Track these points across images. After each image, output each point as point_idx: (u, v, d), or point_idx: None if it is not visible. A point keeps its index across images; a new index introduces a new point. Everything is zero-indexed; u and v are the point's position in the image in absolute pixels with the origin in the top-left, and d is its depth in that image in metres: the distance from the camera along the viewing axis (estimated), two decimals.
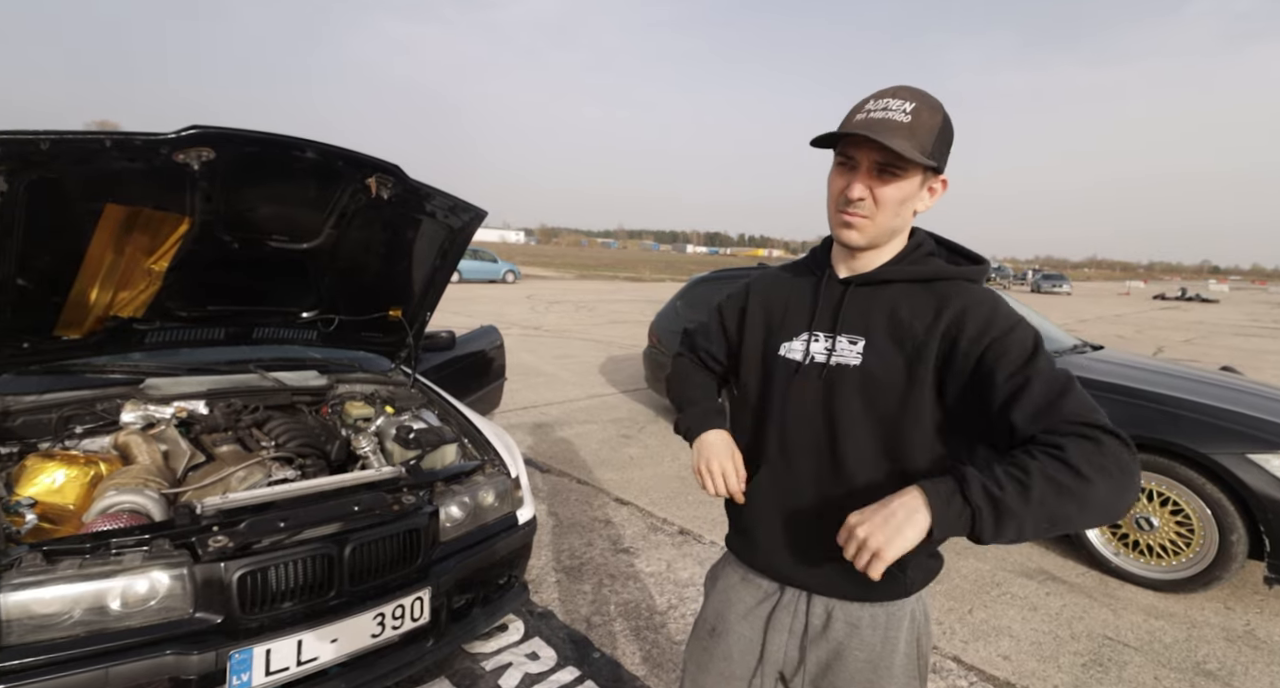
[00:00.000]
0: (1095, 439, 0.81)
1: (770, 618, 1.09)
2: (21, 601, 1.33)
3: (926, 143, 0.93)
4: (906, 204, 0.97)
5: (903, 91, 0.95)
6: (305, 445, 2.13)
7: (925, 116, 0.93)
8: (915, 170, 0.94)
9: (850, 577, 0.97)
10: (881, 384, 0.98)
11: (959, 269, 1.02)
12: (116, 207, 1.75)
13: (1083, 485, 0.79)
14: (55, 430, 1.94)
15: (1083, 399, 0.86)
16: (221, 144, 1.68)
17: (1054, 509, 0.80)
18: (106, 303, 1.96)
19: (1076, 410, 0.84)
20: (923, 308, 0.98)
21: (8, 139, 1.41)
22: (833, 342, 1.02)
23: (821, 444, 1.02)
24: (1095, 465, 0.79)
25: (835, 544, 0.94)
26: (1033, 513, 0.79)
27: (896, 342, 0.98)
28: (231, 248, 2.06)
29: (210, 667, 1.45)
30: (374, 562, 1.73)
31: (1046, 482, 0.79)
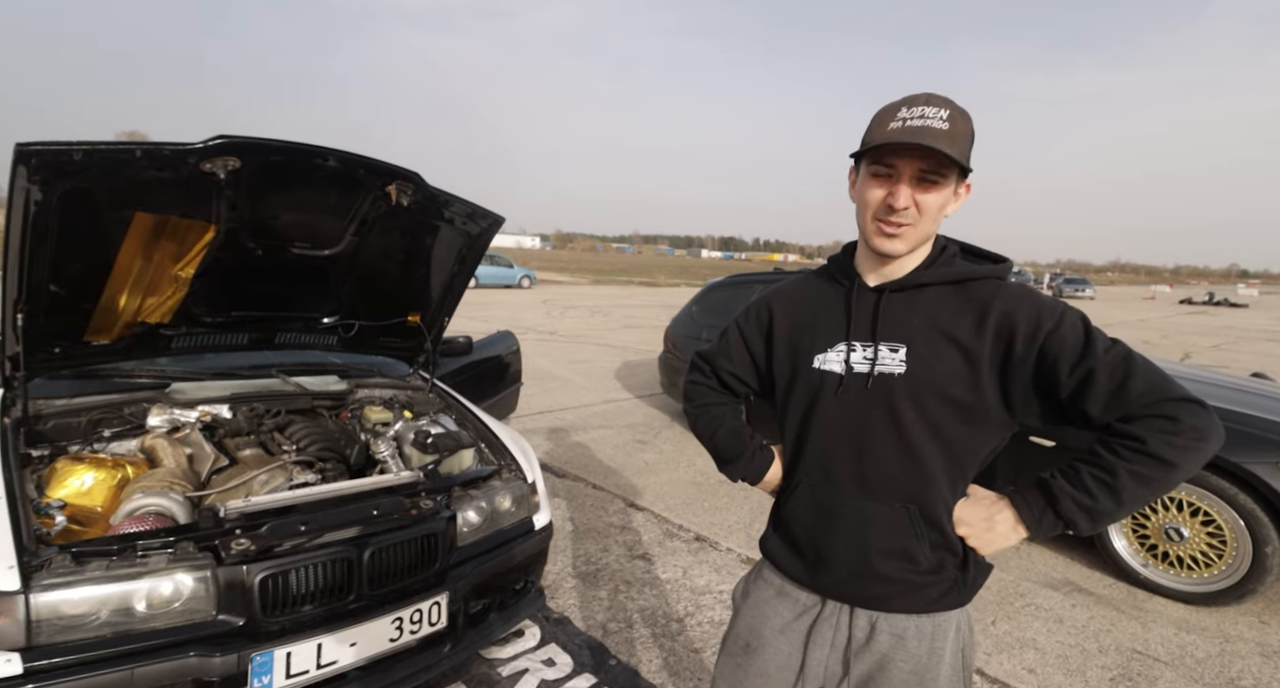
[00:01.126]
0: (1171, 416, 0.86)
1: (811, 632, 1.07)
2: (51, 601, 1.36)
3: (964, 149, 0.94)
4: (943, 210, 0.99)
5: (935, 99, 0.95)
6: (326, 450, 2.15)
7: (960, 124, 0.94)
8: (953, 176, 0.95)
9: (904, 587, 1.01)
10: (931, 390, 0.97)
11: (990, 268, 1.02)
12: (145, 215, 1.79)
13: (1168, 472, 0.87)
14: (84, 434, 1.98)
15: (1148, 375, 0.89)
16: (247, 153, 1.71)
17: (1144, 497, 0.89)
18: (135, 309, 2.01)
19: (1145, 390, 0.88)
20: (963, 310, 0.98)
21: (42, 150, 1.45)
22: (874, 351, 1.01)
23: (869, 458, 1.01)
24: (1177, 448, 0.86)
25: (891, 555, 1.01)
26: (1124, 508, 0.90)
27: (942, 346, 0.97)
28: (255, 255, 2.10)
29: (232, 669, 1.47)
30: (392, 566, 1.74)
31: (1134, 479, 0.87)
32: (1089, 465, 0.91)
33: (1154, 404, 0.87)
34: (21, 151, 1.43)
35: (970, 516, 1.00)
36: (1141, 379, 0.88)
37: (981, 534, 0.99)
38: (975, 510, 1.00)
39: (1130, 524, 2.93)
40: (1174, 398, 0.87)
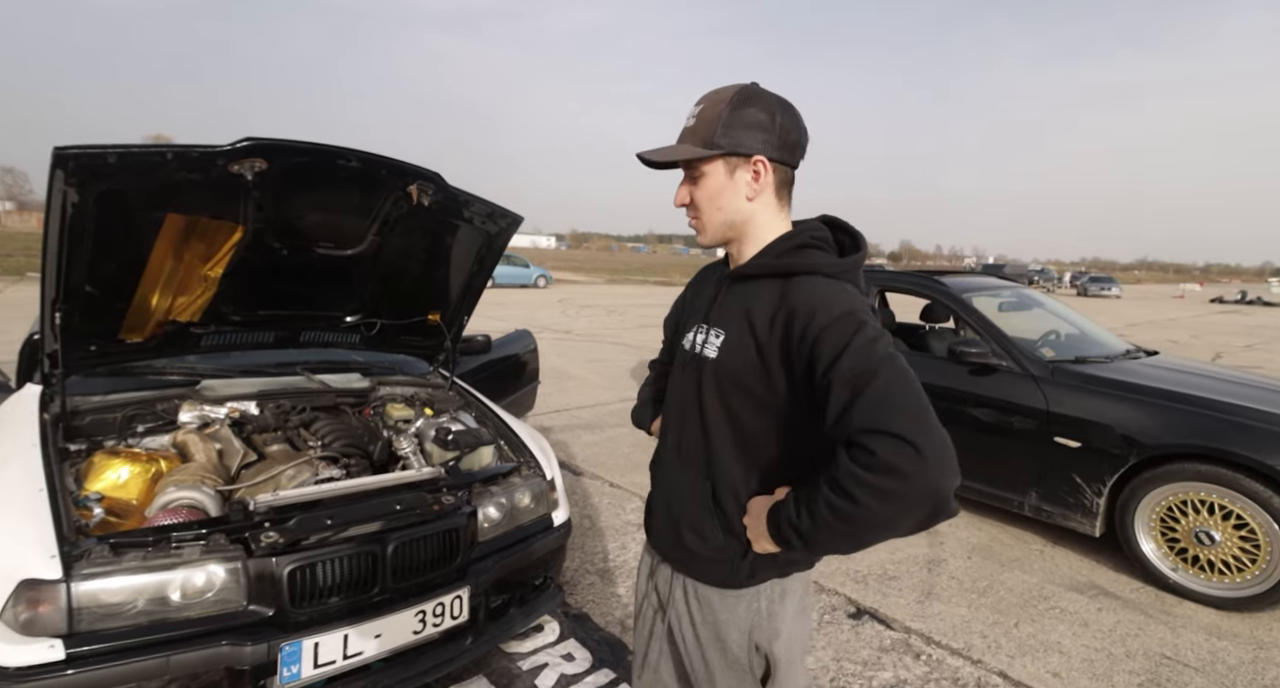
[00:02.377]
0: (869, 449, 0.77)
1: (653, 581, 1.20)
2: (91, 590, 1.40)
3: (708, 135, 0.97)
4: (721, 197, 1.00)
5: (700, 98, 1.01)
6: (350, 446, 2.19)
7: (708, 111, 0.98)
8: (713, 164, 0.98)
9: (690, 554, 1.08)
10: (729, 378, 1.00)
11: (810, 261, 0.99)
12: (176, 216, 1.84)
13: (854, 509, 0.78)
14: (119, 429, 2.04)
15: (878, 401, 0.80)
16: (273, 155, 1.75)
17: (844, 532, 0.82)
18: (166, 308, 2.06)
19: (863, 415, 0.80)
20: (769, 304, 0.97)
21: (79, 153, 1.49)
22: (706, 334, 1.06)
23: (686, 431, 1.09)
24: (860, 483, 0.77)
25: (689, 526, 1.07)
26: (824, 538, 0.84)
27: (745, 336, 0.99)
28: (281, 254, 2.14)
29: (263, 658, 1.50)
30: (415, 560, 1.77)
31: (829, 509, 0.81)
32: (814, 486, 0.85)
33: (863, 432, 0.78)
34: (59, 155, 1.48)
35: (754, 509, 0.99)
36: (868, 403, 0.80)
37: (753, 528, 0.98)
38: (761, 506, 0.96)
39: (1159, 526, 2.87)
40: (885, 430, 0.77)
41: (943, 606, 2.65)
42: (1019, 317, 4.07)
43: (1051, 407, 3.16)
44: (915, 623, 2.50)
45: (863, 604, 2.62)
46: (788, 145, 0.99)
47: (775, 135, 0.98)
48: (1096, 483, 2.99)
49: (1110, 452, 2.95)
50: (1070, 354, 3.57)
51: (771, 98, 0.99)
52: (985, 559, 3.10)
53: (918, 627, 2.47)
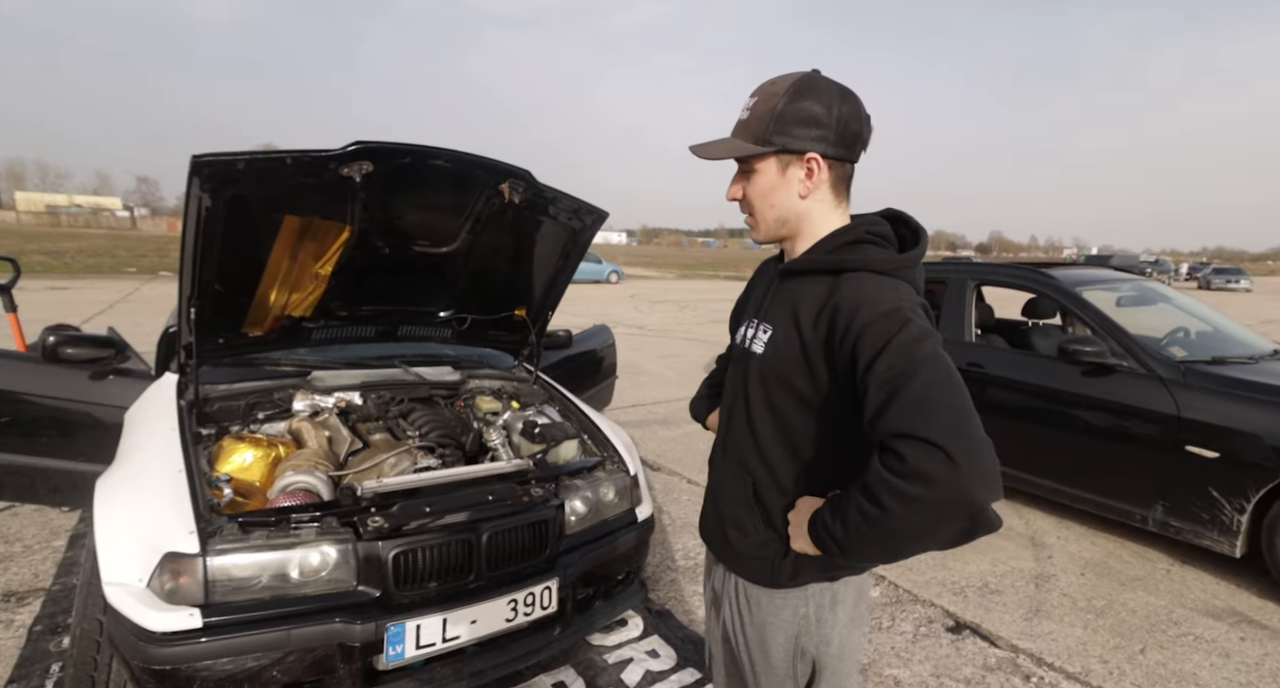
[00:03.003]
0: (899, 454, 0.74)
1: (710, 581, 1.19)
2: (223, 564, 1.52)
3: (760, 130, 0.94)
4: (774, 195, 0.98)
5: (757, 90, 0.97)
6: (444, 436, 2.27)
7: (761, 104, 0.95)
8: (765, 160, 0.96)
9: (738, 556, 1.05)
10: (774, 374, 0.98)
11: (861, 257, 0.95)
12: (293, 218, 1.96)
13: (884, 516, 0.75)
14: (243, 416, 2.21)
15: (913, 404, 0.76)
16: (379, 157, 1.83)
17: (875, 539, 0.79)
18: (283, 304, 2.21)
19: (896, 418, 0.76)
20: (816, 300, 0.95)
21: (214, 160, 1.62)
22: (755, 329, 1.04)
23: (733, 426, 1.08)
24: (890, 490, 0.74)
25: (732, 522, 1.05)
26: (856, 546, 0.81)
27: (791, 332, 0.96)
28: (383, 253, 2.24)
29: (371, 636, 1.58)
30: (507, 550, 1.81)
31: (859, 514, 0.78)
32: (849, 490, 0.82)
33: (895, 436, 0.75)
34: (196, 162, 1.61)
35: (801, 507, 0.96)
36: (903, 405, 0.76)
37: (796, 527, 0.95)
38: (808, 506, 0.94)
39: None
40: (916, 435, 0.73)
41: (1053, 625, 2.44)
42: (1141, 312, 3.70)
43: (1183, 412, 2.85)
44: (1023, 642, 2.32)
45: (962, 618, 2.46)
46: (845, 140, 0.95)
47: (832, 130, 0.93)
48: (1238, 498, 2.67)
49: (1256, 464, 2.62)
50: (1205, 354, 3.21)
51: (830, 88, 0.94)
52: (1101, 577, 2.84)
53: (1026, 646, 2.29)
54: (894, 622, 2.43)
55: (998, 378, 3.62)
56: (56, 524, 2.94)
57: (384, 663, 1.63)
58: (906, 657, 2.22)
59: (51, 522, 2.96)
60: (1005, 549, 3.10)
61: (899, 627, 2.40)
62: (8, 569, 2.55)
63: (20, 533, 2.85)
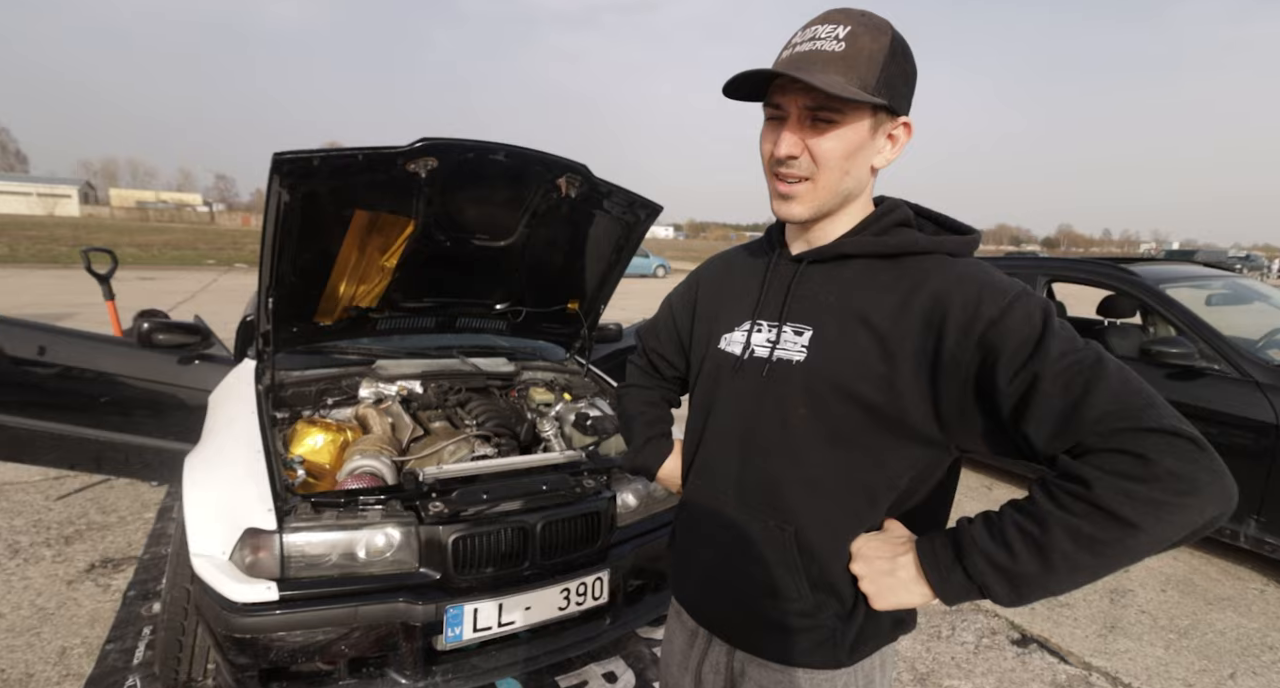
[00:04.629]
0: (1139, 454, 0.59)
1: (699, 671, 0.94)
2: (297, 541, 1.60)
3: (868, 76, 0.72)
4: (856, 158, 0.76)
5: (835, 14, 0.74)
6: (500, 426, 2.32)
7: (866, 41, 0.72)
8: (861, 112, 0.74)
9: (770, 628, 0.82)
10: (831, 385, 0.77)
11: (935, 239, 0.78)
12: (362, 212, 2.03)
13: (1125, 534, 0.60)
14: (314, 401, 2.32)
15: (1117, 390, 0.62)
16: (444, 153, 1.88)
17: (1090, 566, 0.63)
18: (351, 295, 2.30)
19: (1109, 413, 0.61)
20: (889, 288, 0.76)
21: (293, 158, 1.69)
22: (777, 332, 0.83)
23: (750, 462, 0.84)
24: (1139, 500, 0.59)
25: (761, 589, 0.82)
26: (1059, 577, 0.64)
27: (854, 332, 0.76)
28: (444, 246, 2.30)
29: (431, 617, 1.64)
30: (561, 539, 1.83)
31: (1071, 538, 0.62)
32: (1018, 512, 0.66)
33: (1117, 434, 0.60)
34: (277, 160, 1.69)
35: (873, 552, 0.76)
36: (1107, 397, 0.62)
37: (879, 578, 0.75)
38: (881, 548, 0.76)
39: None
40: (1151, 428, 0.59)
41: (1130, 642, 2.30)
42: (1234, 312, 3.42)
43: None
44: (1097, 659, 2.19)
45: (1029, 631, 2.35)
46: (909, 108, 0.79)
47: (911, 98, 0.78)
48: None
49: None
50: None
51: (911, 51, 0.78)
52: (1186, 595, 2.65)
53: (1100, 664, 2.17)
54: (954, 631, 2.34)
55: None
56: (147, 498, 3.17)
57: (443, 644, 1.69)
58: (968, 669, 2.14)
59: (143, 495, 3.19)
60: None
61: (959, 637, 2.31)
62: (105, 538, 2.77)
63: (115, 504, 3.09)
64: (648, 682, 2.03)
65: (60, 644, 2.07)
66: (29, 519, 2.89)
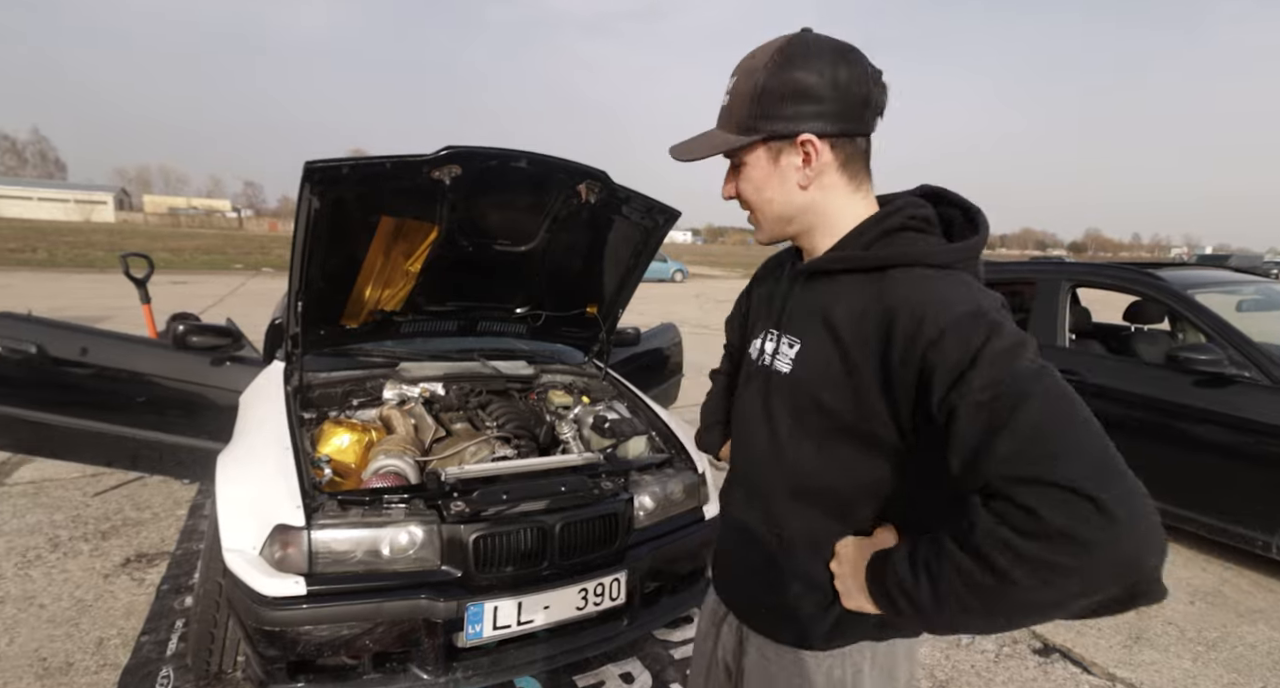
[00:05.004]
0: (1029, 508, 0.55)
1: (720, 630, 1.03)
2: (324, 538, 1.65)
3: (743, 117, 0.79)
4: (769, 189, 0.82)
5: (737, 67, 0.81)
6: (520, 428, 2.36)
7: (742, 84, 0.79)
8: (754, 151, 0.81)
9: (758, 608, 0.91)
10: (808, 397, 0.80)
11: (911, 249, 0.76)
12: (388, 218, 2.09)
13: (999, 584, 0.57)
14: (339, 402, 2.38)
15: (1032, 433, 0.58)
16: (467, 160, 1.93)
17: (979, 610, 0.60)
18: (376, 299, 2.37)
19: (1012, 455, 0.57)
20: (857, 306, 0.76)
21: (324, 166, 1.75)
22: (776, 344, 0.87)
23: (751, 460, 0.92)
24: (1015, 554, 0.56)
25: (756, 573, 0.90)
26: (951, 615, 0.62)
27: (826, 344, 0.78)
28: (466, 251, 2.36)
29: (453, 614, 1.67)
30: (579, 540, 1.86)
31: (959, 577, 0.60)
32: (934, 543, 0.64)
33: (1013, 482, 0.57)
34: (309, 168, 1.75)
35: (847, 555, 0.80)
36: (1017, 438, 0.58)
37: (845, 580, 0.79)
38: (855, 553, 0.79)
39: None
40: (1048, 480, 0.55)
41: (1156, 654, 2.26)
42: (1267, 318, 3.34)
43: None
44: (1121, 670, 2.16)
45: (1051, 641, 2.32)
46: (851, 109, 0.77)
47: (830, 102, 0.76)
48: None
49: None
50: None
51: (824, 48, 0.76)
52: (1215, 606, 2.59)
53: (1124, 675, 2.13)
54: (974, 640, 2.32)
55: (1095, 387, 3.37)
56: (179, 495, 3.27)
57: (463, 641, 1.72)
58: (988, 677, 2.12)
59: (175, 493, 3.29)
60: None
61: (980, 645, 2.29)
62: (139, 533, 2.86)
63: (149, 501, 3.20)
64: (665, 683, 2.05)
65: (98, 635, 2.14)
66: (68, 515, 3.00)
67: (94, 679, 1.94)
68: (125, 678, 1.94)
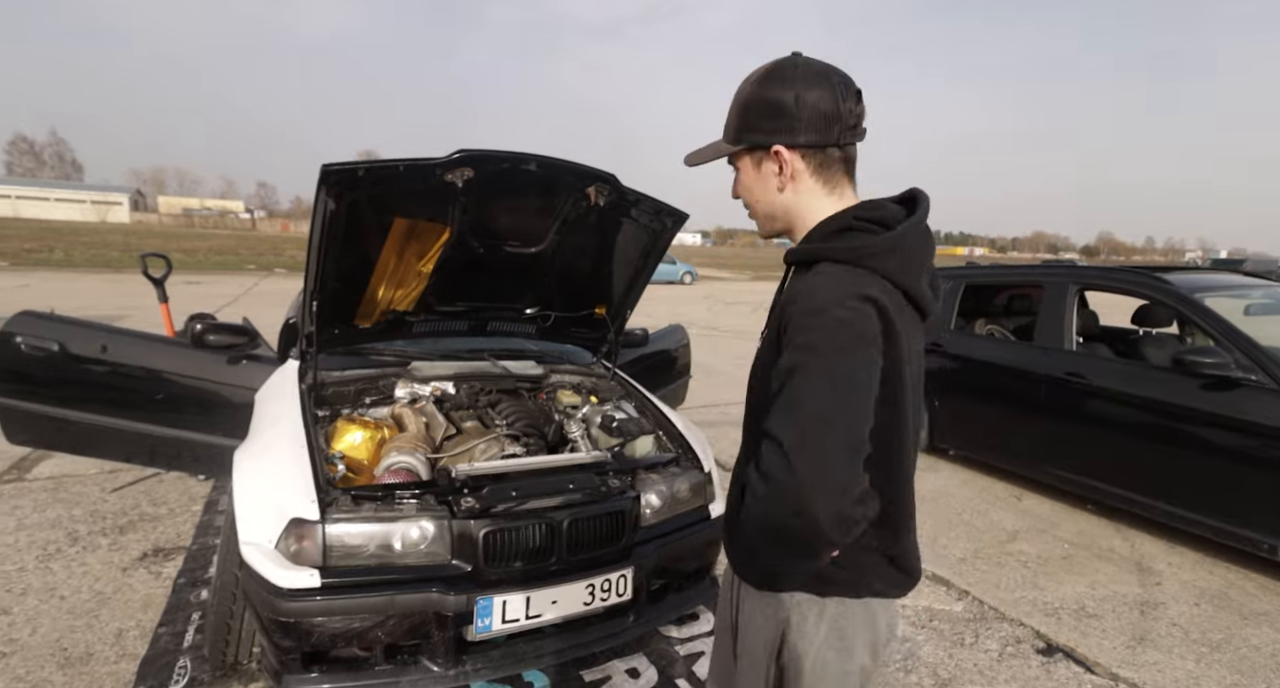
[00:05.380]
0: (761, 453, 0.76)
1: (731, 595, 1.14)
2: (338, 532, 1.69)
3: (732, 128, 0.97)
4: (755, 191, 0.98)
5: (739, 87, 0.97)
6: (529, 426, 2.40)
7: (734, 100, 0.96)
8: (741, 158, 0.98)
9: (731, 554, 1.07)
10: (759, 371, 0.96)
11: (830, 247, 0.89)
12: (402, 220, 2.14)
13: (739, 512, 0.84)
14: (352, 400, 2.43)
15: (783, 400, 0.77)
16: (480, 163, 1.97)
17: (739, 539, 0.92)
18: (389, 299, 2.41)
19: (773, 417, 0.77)
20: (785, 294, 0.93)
21: (340, 169, 1.80)
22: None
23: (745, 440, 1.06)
24: (752, 484, 0.77)
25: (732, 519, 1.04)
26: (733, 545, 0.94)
27: (770, 329, 0.94)
28: (477, 252, 2.40)
29: (463, 607, 1.71)
30: (587, 536, 1.89)
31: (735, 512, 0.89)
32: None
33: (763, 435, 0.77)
34: (325, 171, 1.80)
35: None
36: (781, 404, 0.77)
37: None
38: None
39: None
40: (769, 433, 0.75)
41: (1160, 655, 2.26)
42: (1274, 322, 3.33)
43: None
44: (1125, 671, 2.17)
45: (1055, 640, 2.33)
46: (816, 125, 0.89)
47: (798, 119, 0.89)
48: None
49: None
50: None
51: (798, 73, 0.90)
52: (1220, 608, 2.59)
53: (1128, 675, 2.14)
54: (978, 639, 2.33)
55: (1102, 389, 3.37)
56: (195, 491, 3.33)
57: (473, 634, 1.76)
58: (991, 676, 2.13)
59: (190, 489, 3.36)
60: (1105, 572, 2.88)
61: (983, 644, 2.30)
62: (156, 528, 2.92)
63: (165, 497, 3.26)
64: (670, 679, 2.08)
65: (117, 626, 2.20)
66: (86, 510, 3.07)
67: (114, 669, 1.99)
68: (144, 668, 1.99)
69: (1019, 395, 3.78)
